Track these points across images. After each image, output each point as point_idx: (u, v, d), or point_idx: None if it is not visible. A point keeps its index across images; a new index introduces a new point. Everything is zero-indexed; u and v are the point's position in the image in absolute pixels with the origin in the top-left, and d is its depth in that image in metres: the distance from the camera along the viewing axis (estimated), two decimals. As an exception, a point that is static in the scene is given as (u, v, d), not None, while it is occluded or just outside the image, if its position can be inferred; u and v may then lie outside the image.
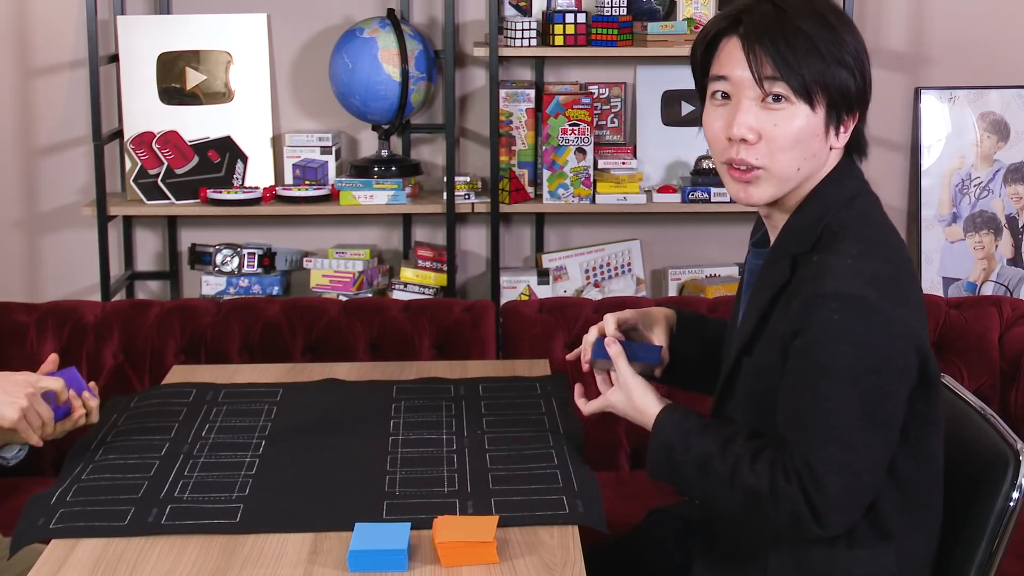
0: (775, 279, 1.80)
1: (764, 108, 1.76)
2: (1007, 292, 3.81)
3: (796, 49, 1.73)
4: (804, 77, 1.74)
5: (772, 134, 1.76)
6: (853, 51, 1.77)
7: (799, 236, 1.79)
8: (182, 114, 3.64)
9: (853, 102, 1.78)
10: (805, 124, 1.76)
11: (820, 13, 1.77)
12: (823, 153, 1.80)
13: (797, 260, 1.78)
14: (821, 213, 1.79)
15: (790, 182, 1.80)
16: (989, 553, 1.85)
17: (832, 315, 1.68)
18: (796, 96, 1.75)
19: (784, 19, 1.75)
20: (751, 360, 1.83)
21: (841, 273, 1.70)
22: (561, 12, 3.50)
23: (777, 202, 1.83)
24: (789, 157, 1.77)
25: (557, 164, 3.58)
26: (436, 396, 2.34)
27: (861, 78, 1.78)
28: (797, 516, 1.72)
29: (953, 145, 3.81)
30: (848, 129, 1.80)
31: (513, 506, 1.86)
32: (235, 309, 2.99)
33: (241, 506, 1.88)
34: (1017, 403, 2.87)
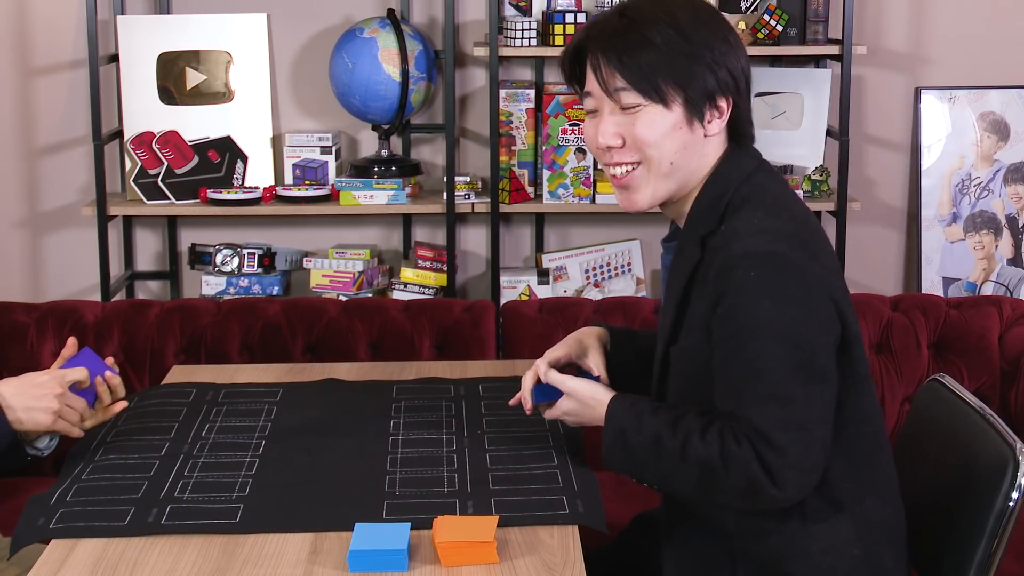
0: (687, 262, 1.84)
1: (623, 114, 1.85)
2: (1007, 292, 3.81)
3: (639, 58, 1.81)
4: (649, 81, 1.81)
5: (633, 135, 1.85)
6: (708, 45, 1.82)
7: (703, 216, 1.85)
8: (182, 114, 3.64)
9: (714, 93, 1.83)
10: (662, 122, 1.83)
11: (670, 15, 1.82)
12: (696, 144, 1.85)
13: (705, 239, 1.83)
14: (722, 191, 1.85)
15: (667, 179, 1.86)
16: (989, 553, 1.85)
17: (748, 273, 1.72)
18: (646, 99, 1.82)
19: (629, 29, 1.82)
20: (677, 347, 1.86)
21: (748, 234, 1.76)
22: (561, 12, 3.50)
23: (672, 202, 1.90)
24: (658, 151, 1.84)
25: (557, 164, 3.59)
26: (436, 396, 2.34)
27: (723, 69, 1.82)
28: (752, 480, 1.73)
29: (953, 145, 3.81)
30: (721, 116, 1.85)
31: (513, 506, 1.86)
32: (235, 309, 2.99)
33: (241, 506, 1.88)
34: (1017, 403, 2.87)
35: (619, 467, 1.87)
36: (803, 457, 1.72)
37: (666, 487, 1.87)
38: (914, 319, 2.93)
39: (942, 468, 2.01)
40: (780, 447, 1.71)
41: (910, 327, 2.92)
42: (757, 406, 1.72)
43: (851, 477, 1.83)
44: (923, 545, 2.01)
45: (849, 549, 1.83)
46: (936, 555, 1.94)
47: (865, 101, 3.82)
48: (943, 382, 2.12)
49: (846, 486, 1.83)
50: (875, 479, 1.88)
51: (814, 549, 1.82)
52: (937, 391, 2.12)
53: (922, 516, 2.02)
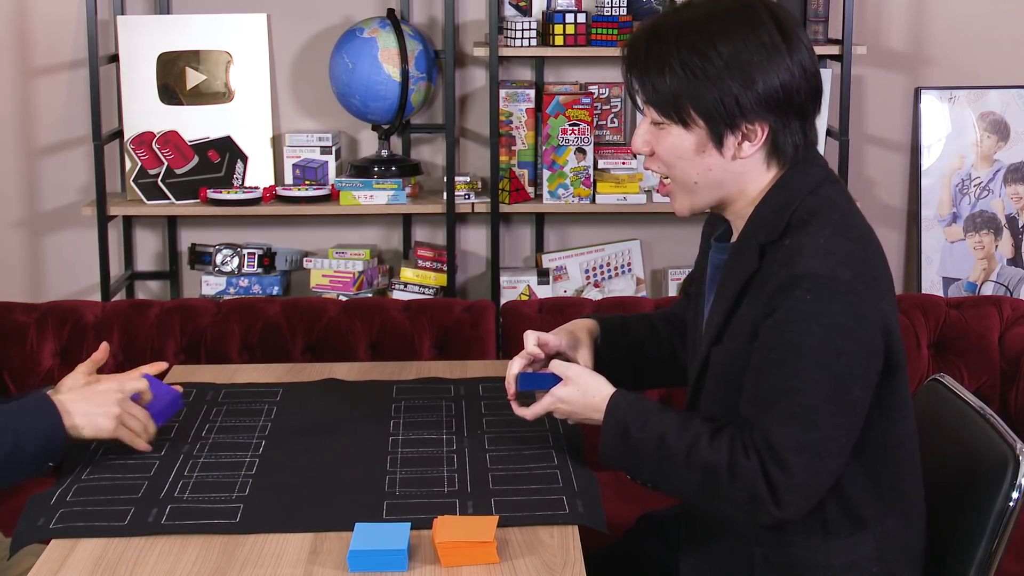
0: (743, 268, 1.82)
1: (653, 125, 1.85)
2: (1007, 292, 3.81)
3: (657, 80, 1.80)
4: (668, 103, 1.80)
5: (658, 151, 1.86)
6: (736, 66, 1.75)
7: (766, 225, 1.81)
8: (182, 114, 3.64)
9: (736, 115, 1.77)
10: (680, 143, 1.82)
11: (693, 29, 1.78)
12: (725, 165, 1.82)
13: (765, 248, 1.80)
14: (787, 201, 1.81)
15: (701, 194, 1.86)
16: (989, 553, 1.85)
17: (804, 295, 1.71)
18: (667, 119, 1.82)
19: (651, 46, 1.80)
20: (720, 348, 1.84)
21: (813, 254, 1.73)
22: (561, 12, 3.50)
23: (728, 205, 1.88)
24: (679, 171, 1.85)
25: (557, 164, 3.59)
26: (436, 396, 2.34)
27: (754, 88, 1.76)
28: (754, 495, 1.73)
29: (953, 145, 3.81)
30: (753, 139, 1.80)
31: (513, 506, 1.86)
32: (235, 309, 2.99)
33: (241, 506, 1.88)
34: (1017, 403, 2.87)
35: (616, 461, 1.87)
36: (808, 483, 1.73)
37: (661, 487, 1.87)
38: (914, 319, 2.93)
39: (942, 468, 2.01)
40: (789, 468, 1.70)
41: (910, 327, 2.92)
42: (779, 423, 1.71)
43: (876, 497, 1.83)
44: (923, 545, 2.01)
45: (869, 567, 1.82)
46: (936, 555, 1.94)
47: (865, 101, 3.82)
48: (943, 382, 2.12)
49: (871, 505, 1.82)
50: (901, 501, 1.87)
51: (836, 564, 1.81)
52: (937, 391, 2.12)
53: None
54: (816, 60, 1.83)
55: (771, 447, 1.71)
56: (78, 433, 1.96)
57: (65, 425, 1.94)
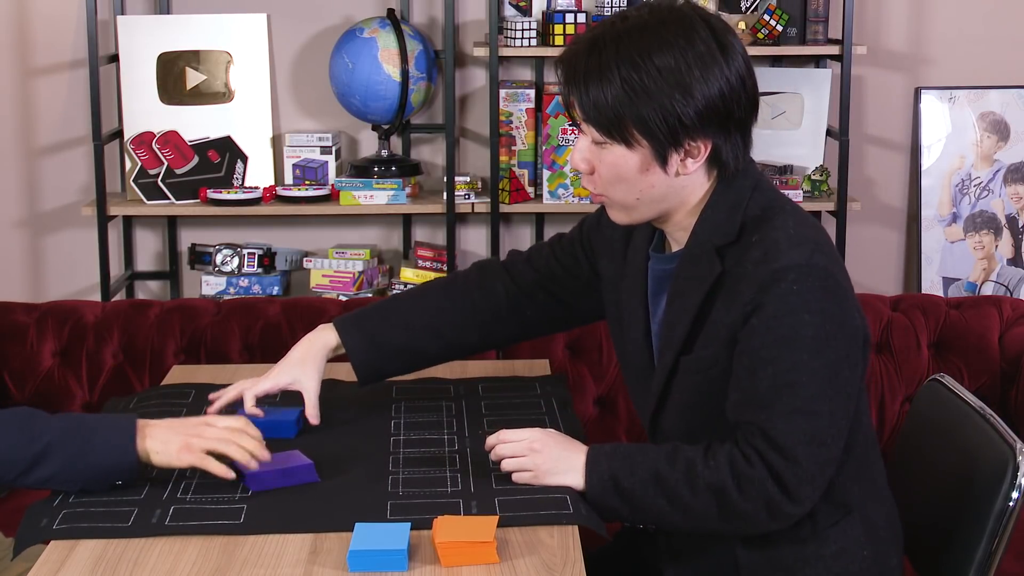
0: (704, 273, 1.80)
1: (594, 143, 1.80)
2: (1007, 292, 3.81)
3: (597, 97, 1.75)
4: (610, 122, 1.75)
5: (599, 169, 1.81)
6: (677, 83, 1.72)
7: (718, 227, 1.80)
8: (182, 114, 3.64)
9: (679, 132, 1.75)
10: (623, 162, 1.78)
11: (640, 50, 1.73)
12: (669, 181, 1.80)
13: (724, 250, 1.79)
14: (734, 202, 1.81)
15: (637, 210, 1.83)
16: (989, 553, 1.86)
17: (791, 287, 1.71)
18: (608, 139, 1.77)
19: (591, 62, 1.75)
20: (692, 358, 1.83)
21: (790, 245, 1.73)
22: (561, 12, 3.50)
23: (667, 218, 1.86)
24: (619, 191, 1.82)
25: (557, 164, 3.59)
26: (436, 396, 2.34)
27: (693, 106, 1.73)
28: (768, 499, 1.72)
29: (953, 145, 3.81)
30: (698, 156, 1.78)
31: (517, 506, 1.86)
32: (235, 309, 2.99)
33: (245, 506, 1.87)
34: (1017, 403, 2.87)
35: (612, 514, 1.83)
36: (818, 472, 1.73)
37: (669, 524, 1.82)
38: (914, 319, 2.93)
39: (942, 468, 2.02)
40: (799, 462, 1.70)
41: (910, 327, 2.92)
42: (783, 419, 1.71)
43: (855, 479, 1.84)
44: (923, 545, 2.01)
45: (859, 550, 1.83)
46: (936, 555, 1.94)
47: (865, 101, 3.82)
48: (943, 382, 2.13)
49: (853, 489, 1.84)
50: (874, 480, 1.89)
51: (827, 553, 1.82)
52: (937, 391, 2.12)
53: (922, 516, 2.02)
54: (751, 67, 1.80)
55: (777, 445, 1.71)
56: (148, 457, 1.89)
57: (137, 447, 1.88)
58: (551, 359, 2.86)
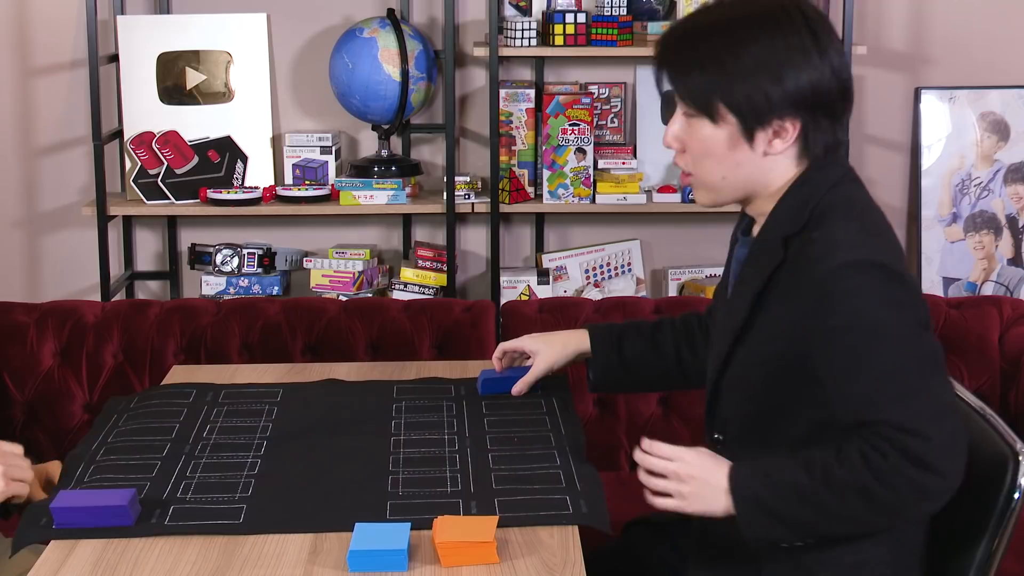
0: (767, 261, 1.81)
1: (687, 120, 1.84)
2: (1007, 292, 3.81)
3: (689, 69, 1.80)
4: (697, 94, 1.80)
5: (688, 145, 1.85)
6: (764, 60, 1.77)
7: (787, 218, 1.82)
8: (182, 114, 3.64)
9: (766, 111, 1.78)
10: (710, 137, 1.82)
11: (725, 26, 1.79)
12: (756, 160, 1.82)
13: (789, 240, 1.80)
14: (807, 196, 1.82)
15: (722, 191, 1.86)
16: (989, 553, 1.85)
17: (859, 282, 1.71)
18: (698, 112, 1.81)
19: (683, 39, 1.82)
20: (749, 349, 1.84)
21: (851, 245, 1.74)
22: (561, 12, 3.50)
23: (751, 200, 1.88)
24: (705, 169, 1.85)
25: (557, 164, 3.59)
26: (436, 396, 2.34)
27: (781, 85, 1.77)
28: (914, 482, 1.69)
29: (953, 145, 3.81)
30: (785, 136, 1.81)
31: (516, 506, 1.86)
32: (235, 309, 2.99)
33: (245, 506, 1.88)
34: (1017, 403, 2.87)
35: (766, 535, 1.77)
36: (951, 442, 1.71)
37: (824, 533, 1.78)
38: (914, 319, 2.93)
39: (942, 468, 2.01)
40: (929, 436, 1.68)
41: (910, 327, 2.92)
42: (898, 406, 1.70)
43: None
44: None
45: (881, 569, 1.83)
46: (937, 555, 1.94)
47: (865, 101, 3.82)
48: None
49: None
50: None
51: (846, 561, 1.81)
52: (937, 391, 2.12)
53: (922, 516, 2.02)
54: (847, 64, 1.86)
55: (903, 428, 1.68)
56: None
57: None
58: (551, 359, 2.86)
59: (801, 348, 1.77)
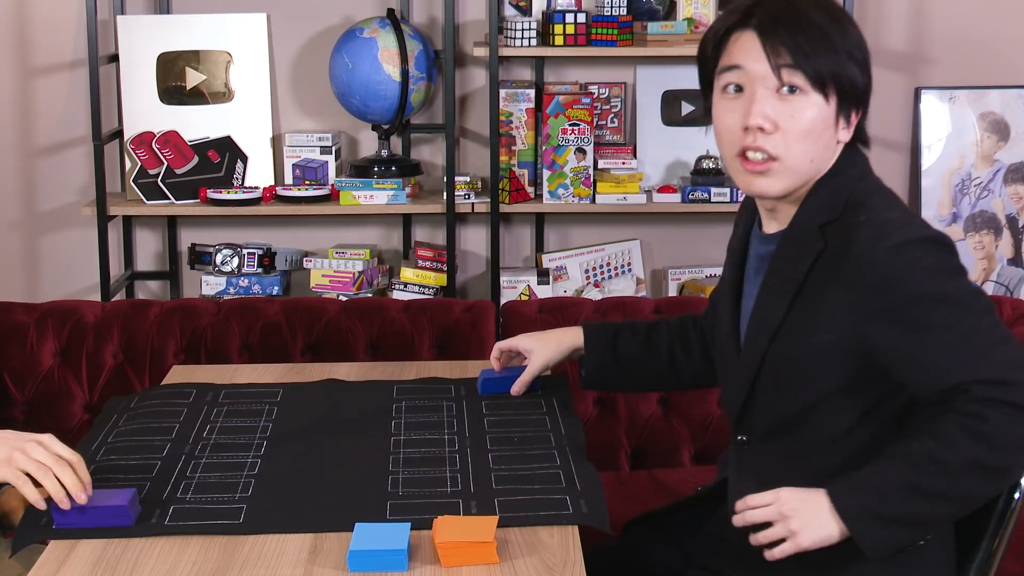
0: (806, 251, 1.80)
1: (780, 99, 1.78)
2: (1007, 292, 3.81)
3: (811, 40, 1.76)
4: (820, 68, 1.76)
5: (787, 125, 1.78)
6: (859, 46, 1.80)
7: (824, 206, 1.81)
8: (182, 114, 3.64)
9: (860, 96, 1.81)
10: (818, 115, 1.78)
11: (826, 8, 1.80)
12: (832, 146, 1.83)
13: (824, 228, 1.80)
14: (842, 184, 1.83)
15: (802, 175, 1.82)
16: (989, 553, 1.85)
17: (916, 256, 1.72)
18: (812, 86, 1.77)
19: (796, 12, 1.78)
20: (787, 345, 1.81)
21: (901, 224, 1.76)
22: (561, 12, 3.50)
23: (786, 196, 1.85)
24: (803, 148, 1.79)
25: (557, 164, 3.59)
26: (437, 396, 2.34)
27: (867, 73, 1.82)
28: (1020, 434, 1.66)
29: (953, 145, 3.81)
30: (853, 124, 1.83)
31: (517, 506, 1.86)
32: (235, 309, 2.99)
33: (245, 506, 1.88)
34: (1017, 403, 2.87)
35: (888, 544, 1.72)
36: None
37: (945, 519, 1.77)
38: (914, 319, 2.93)
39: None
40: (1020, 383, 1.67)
41: (910, 327, 2.92)
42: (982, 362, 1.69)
43: None
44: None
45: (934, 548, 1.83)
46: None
47: (865, 101, 3.81)
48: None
49: None
50: None
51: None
52: (938, 391, 2.11)
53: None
54: None
55: (993, 382, 1.67)
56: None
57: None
58: (551, 359, 2.86)
59: (858, 335, 1.75)
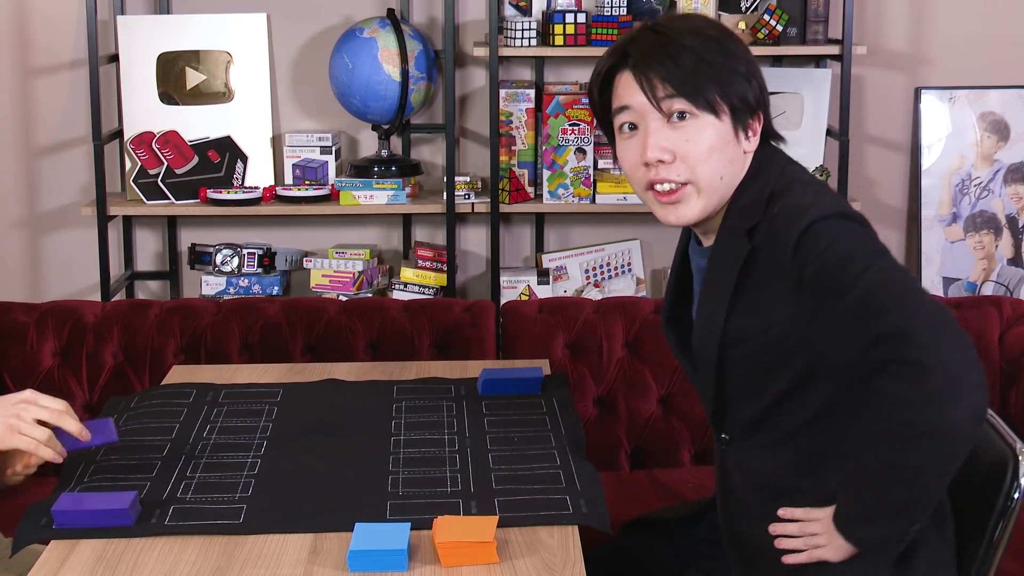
0: (736, 256, 1.81)
1: (672, 127, 1.80)
2: (1007, 292, 3.81)
3: (684, 65, 1.79)
4: (699, 88, 1.79)
5: (685, 150, 1.80)
6: (743, 59, 1.82)
7: (749, 210, 1.83)
8: (182, 114, 3.64)
9: (753, 105, 1.83)
10: (715, 132, 1.81)
11: (699, 30, 1.82)
12: (740, 158, 1.85)
13: (751, 231, 1.81)
14: (761, 185, 1.84)
15: (716, 193, 1.84)
16: (989, 553, 1.85)
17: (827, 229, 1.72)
18: (698, 108, 1.79)
19: (667, 41, 1.80)
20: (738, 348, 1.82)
21: (812, 204, 1.76)
22: (561, 12, 3.50)
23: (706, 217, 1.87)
24: (710, 167, 1.81)
25: (557, 164, 3.59)
26: (437, 396, 2.34)
27: (756, 81, 1.83)
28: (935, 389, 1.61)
29: (953, 145, 3.81)
30: (756, 131, 1.85)
31: (517, 506, 1.86)
32: (235, 309, 2.99)
33: (245, 506, 1.88)
34: (1017, 403, 2.87)
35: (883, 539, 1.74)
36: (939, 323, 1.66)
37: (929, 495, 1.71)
38: (914, 319, 2.93)
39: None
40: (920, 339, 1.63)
41: (910, 327, 2.92)
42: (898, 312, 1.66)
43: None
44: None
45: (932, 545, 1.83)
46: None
47: (865, 101, 3.82)
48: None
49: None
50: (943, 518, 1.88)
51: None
52: (937, 391, 2.11)
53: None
54: None
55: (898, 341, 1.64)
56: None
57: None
58: (551, 359, 2.86)
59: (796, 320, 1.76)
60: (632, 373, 2.92)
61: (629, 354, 2.94)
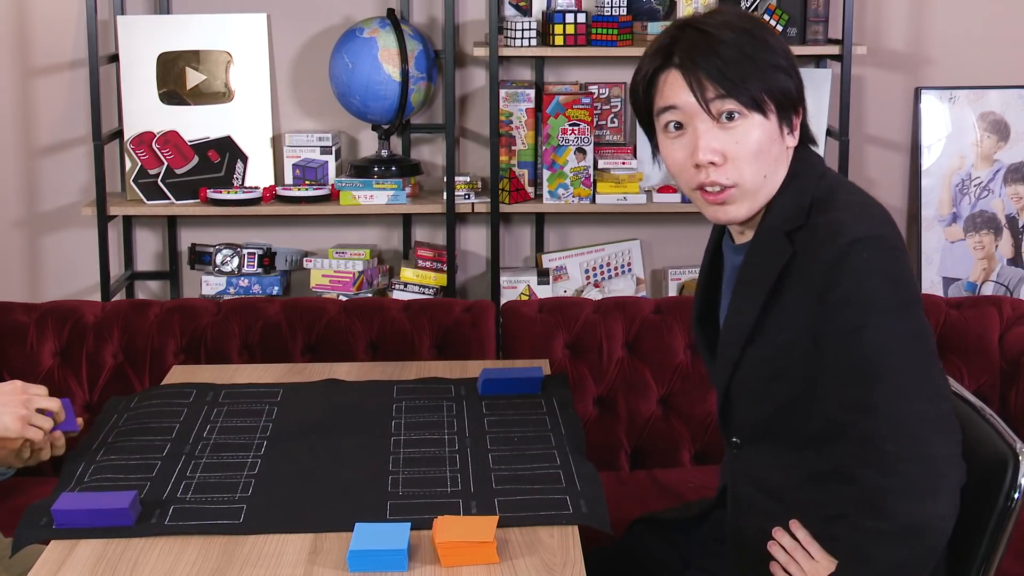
0: (776, 258, 1.81)
1: (722, 128, 1.79)
2: (1007, 292, 3.81)
3: (732, 65, 1.77)
4: (749, 89, 1.78)
5: (735, 152, 1.80)
6: (782, 53, 1.82)
7: (789, 213, 1.82)
8: (182, 114, 3.64)
9: (795, 100, 1.83)
10: (763, 133, 1.80)
11: (741, 26, 1.81)
12: (783, 156, 1.84)
13: (792, 234, 1.80)
14: (802, 188, 1.83)
15: (762, 192, 1.83)
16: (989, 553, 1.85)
17: (861, 255, 1.71)
18: (747, 109, 1.78)
19: (712, 39, 1.79)
20: (757, 348, 1.83)
21: (855, 222, 1.74)
22: (561, 12, 3.50)
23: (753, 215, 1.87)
24: (755, 168, 1.81)
25: (557, 164, 3.59)
26: (437, 396, 2.34)
27: (795, 76, 1.83)
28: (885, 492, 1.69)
29: (953, 145, 3.81)
30: (797, 127, 1.85)
31: (517, 506, 1.86)
32: (235, 309, 2.99)
33: (244, 506, 1.88)
34: (1017, 403, 2.87)
35: None
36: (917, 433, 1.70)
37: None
38: (914, 319, 2.93)
39: (943, 468, 2.01)
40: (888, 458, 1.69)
41: (910, 327, 2.92)
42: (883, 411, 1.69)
43: None
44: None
45: None
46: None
47: (865, 101, 3.82)
48: (943, 382, 2.12)
49: None
50: None
51: None
52: (937, 391, 2.11)
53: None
54: None
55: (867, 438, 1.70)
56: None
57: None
58: (551, 359, 2.86)
59: (805, 334, 1.77)
60: (632, 373, 2.92)
61: (629, 354, 2.94)
